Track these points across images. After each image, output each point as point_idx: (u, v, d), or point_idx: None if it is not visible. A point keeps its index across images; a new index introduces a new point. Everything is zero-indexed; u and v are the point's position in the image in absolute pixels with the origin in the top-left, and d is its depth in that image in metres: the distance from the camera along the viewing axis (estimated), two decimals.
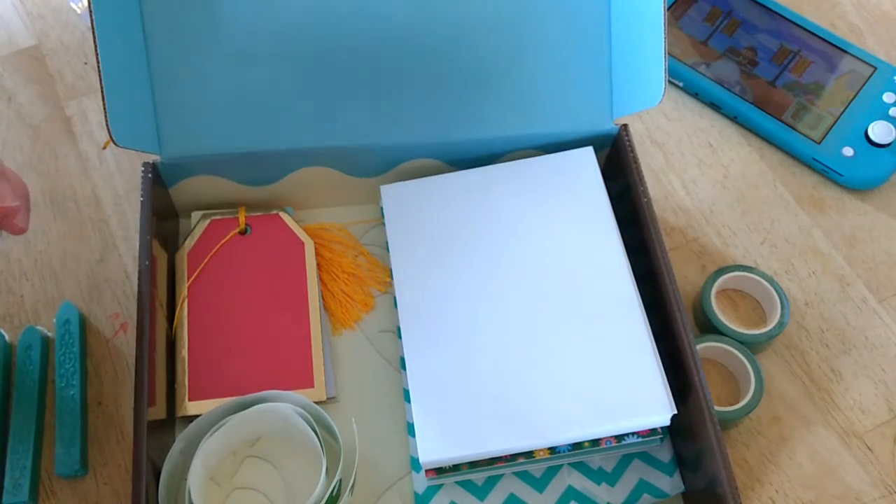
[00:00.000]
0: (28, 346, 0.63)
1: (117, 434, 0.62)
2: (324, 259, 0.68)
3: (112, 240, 0.70)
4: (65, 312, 0.65)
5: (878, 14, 0.83)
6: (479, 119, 0.65)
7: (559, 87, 0.65)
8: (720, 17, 0.80)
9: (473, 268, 0.62)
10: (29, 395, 0.61)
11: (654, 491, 0.59)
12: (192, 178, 0.66)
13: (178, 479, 0.58)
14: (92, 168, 0.73)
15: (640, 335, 0.58)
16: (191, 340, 0.62)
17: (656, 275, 0.60)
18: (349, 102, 0.64)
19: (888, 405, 0.65)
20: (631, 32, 0.63)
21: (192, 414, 0.60)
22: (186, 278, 0.65)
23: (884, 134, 0.73)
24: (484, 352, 0.59)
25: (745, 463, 0.62)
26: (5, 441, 0.60)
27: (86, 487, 0.60)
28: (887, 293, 0.69)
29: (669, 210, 0.73)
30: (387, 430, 0.62)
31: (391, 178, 0.68)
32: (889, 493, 0.62)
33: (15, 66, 0.78)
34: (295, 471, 0.59)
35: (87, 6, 0.79)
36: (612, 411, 0.56)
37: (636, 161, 0.64)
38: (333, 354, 0.65)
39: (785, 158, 0.76)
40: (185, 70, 0.63)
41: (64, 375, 0.62)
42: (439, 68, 0.65)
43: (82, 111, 0.76)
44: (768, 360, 0.66)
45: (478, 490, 0.59)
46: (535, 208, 0.64)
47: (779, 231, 0.72)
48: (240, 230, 0.67)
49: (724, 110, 0.77)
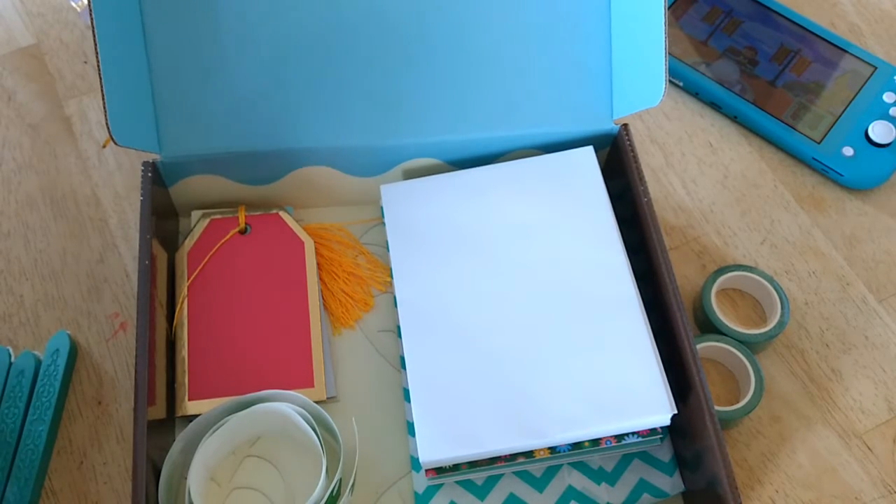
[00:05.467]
0: (20, 372, 0.62)
1: (117, 434, 0.62)
2: (324, 258, 0.68)
3: (112, 240, 0.70)
4: (56, 342, 0.63)
5: (878, 14, 0.83)
6: (479, 119, 0.65)
7: (559, 86, 0.65)
8: (720, 16, 0.80)
9: (473, 267, 0.62)
10: (12, 422, 0.60)
11: (654, 491, 0.59)
12: (191, 178, 0.66)
13: (178, 478, 0.58)
14: (92, 167, 0.73)
15: (641, 335, 0.58)
16: (191, 340, 0.62)
17: (656, 274, 0.60)
18: (349, 102, 0.64)
19: (888, 405, 0.65)
20: (631, 32, 0.63)
21: (191, 414, 0.60)
22: (186, 278, 0.65)
23: (884, 134, 0.73)
24: (484, 351, 0.59)
25: (745, 463, 0.62)
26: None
27: (86, 487, 0.60)
28: (887, 293, 0.69)
29: (669, 210, 0.73)
30: (387, 429, 0.62)
31: (391, 178, 0.68)
32: (889, 492, 0.62)
33: (14, 65, 0.78)
34: (295, 471, 0.59)
35: (86, 5, 0.79)
36: (612, 411, 0.56)
37: (636, 161, 0.64)
38: (333, 354, 0.65)
39: (785, 158, 0.76)
40: (185, 70, 0.63)
41: (38, 408, 0.61)
42: (439, 68, 0.65)
43: (82, 110, 0.76)
44: (768, 359, 0.66)
45: (478, 490, 0.59)
46: (535, 208, 0.64)
47: (779, 231, 0.72)
48: (240, 229, 0.67)
49: (724, 110, 0.77)
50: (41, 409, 0.61)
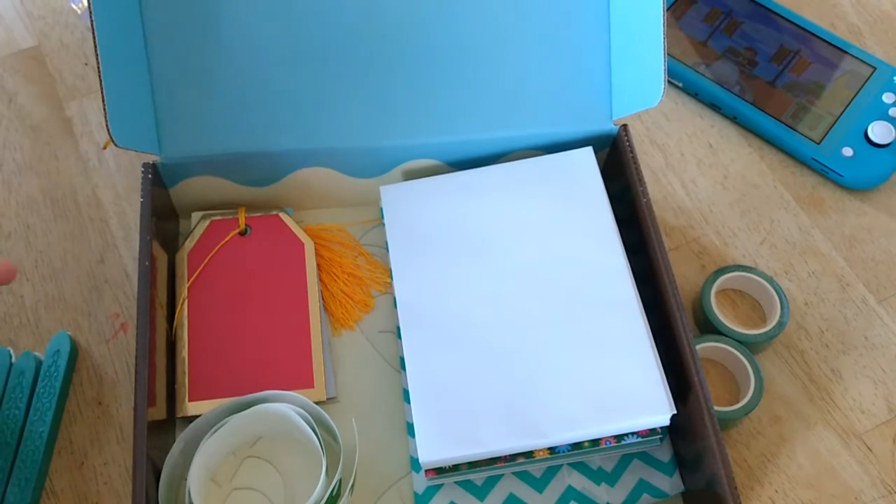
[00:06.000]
0: (21, 373, 0.62)
1: (117, 434, 0.62)
2: (324, 259, 0.68)
3: (112, 240, 0.70)
4: (57, 343, 0.63)
5: (878, 14, 0.83)
6: (479, 119, 0.65)
7: (559, 87, 0.65)
8: (720, 17, 0.80)
9: (473, 268, 0.62)
10: (12, 423, 0.60)
11: (653, 491, 0.59)
12: (191, 179, 0.66)
13: (178, 479, 0.58)
14: (92, 168, 0.73)
15: (640, 335, 0.58)
16: (191, 341, 0.62)
17: (656, 275, 0.60)
18: (349, 103, 0.65)
19: (888, 405, 0.65)
20: (630, 33, 0.63)
21: (192, 414, 0.60)
22: (186, 279, 0.65)
23: (883, 134, 0.73)
24: (484, 352, 0.59)
25: (745, 463, 0.62)
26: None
27: (86, 487, 0.60)
28: (887, 293, 0.69)
29: (669, 210, 0.73)
30: (387, 430, 0.62)
31: (391, 178, 0.68)
32: (889, 492, 0.62)
33: (15, 66, 0.79)
34: (295, 471, 0.59)
35: (86, 7, 0.79)
36: (612, 411, 0.56)
37: (636, 161, 0.64)
38: (333, 354, 0.65)
39: (785, 158, 0.76)
40: (185, 70, 0.63)
41: (39, 409, 0.61)
42: (439, 68, 0.65)
43: (82, 112, 0.76)
44: (768, 360, 0.66)
45: (477, 490, 0.59)
46: (534, 208, 0.64)
47: (779, 231, 0.72)
48: (240, 231, 0.67)
49: (724, 111, 0.77)
50: (42, 410, 0.61)
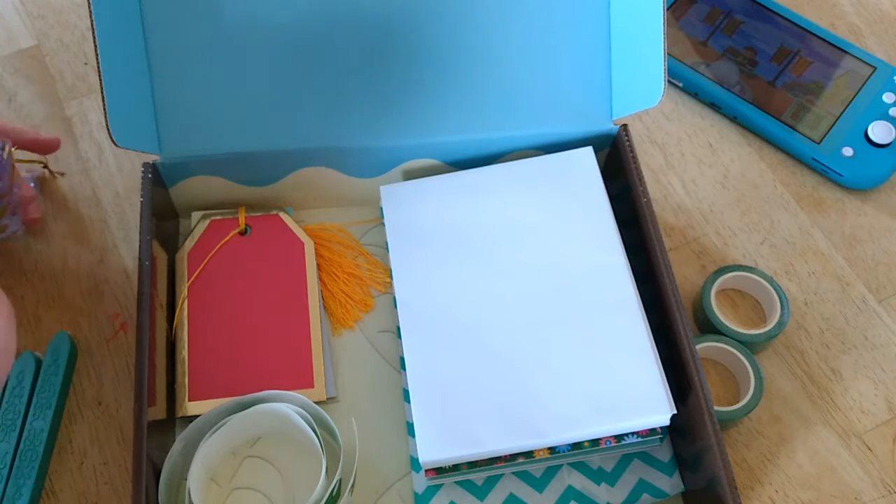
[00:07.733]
0: (21, 372, 0.62)
1: (117, 434, 0.62)
2: (324, 259, 0.68)
3: (112, 240, 0.70)
4: (57, 343, 0.63)
5: (878, 14, 0.83)
6: (479, 119, 0.65)
7: (559, 87, 0.65)
8: (720, 17, 0.80)
9: (473, 268, 0.62)
10: (12, 423, 0.60)
11: (653, 491, 0.59)
12: (191, 179, 0.66)
13: (178, 479, 0.58)
14: (92, 168, 0.73)
15: (640, 335, 0.58)
16: (191, 341, 0.62)
17: (656, 275, 0.60)
18: (349, 102, 0.64)
19: (888, 405, 0.65)
20: (630, 32, 0.63)
21: (192, 414, 0.60)
22: (186, 279, 0.65)
23: (883, 134, 0.73)
24: (484, 352, 0.59)
25: (745, 463, 0.62)
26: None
27: (86, 487, 0.60)
28: (887, 293, 0.69)
29: (669, 210, 0.73)
30: (387, 430, 0.62)
31: (391, 178, 0.68)
32: (889, 492, 0.62)
33: (15, 66, 0.79)
34: (295, 471, 0.59)
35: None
36: (612, 411, 0.56)
37: (636, 161, 0.64)
38: (333, 354, 0.65)
39: (785, 158, 0.76)
40: (185, 70, 0.63)
41: (39, 406, 0.61)
42: (439, 68, 0.65)
43: (82, 111, 0.76)
44: (768, 360, 0.66)
45: (477, 490, 0.59)
46: (534, 208, 0.64)
47: (779, 231, 0.72)
48: (240, 230, 0.67)
49: (724, 110, 0.77)
50: (41, 410, 0.61)
